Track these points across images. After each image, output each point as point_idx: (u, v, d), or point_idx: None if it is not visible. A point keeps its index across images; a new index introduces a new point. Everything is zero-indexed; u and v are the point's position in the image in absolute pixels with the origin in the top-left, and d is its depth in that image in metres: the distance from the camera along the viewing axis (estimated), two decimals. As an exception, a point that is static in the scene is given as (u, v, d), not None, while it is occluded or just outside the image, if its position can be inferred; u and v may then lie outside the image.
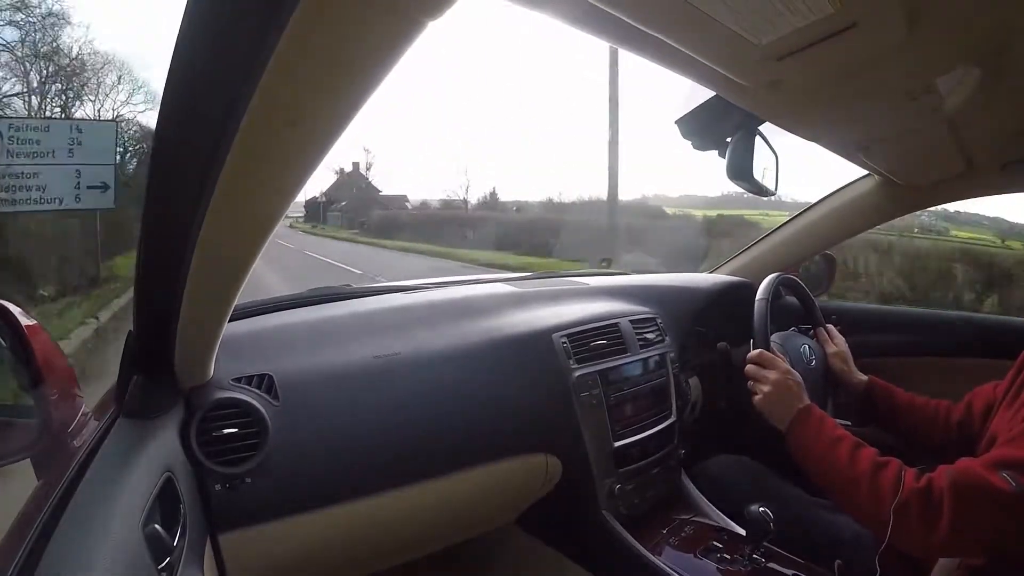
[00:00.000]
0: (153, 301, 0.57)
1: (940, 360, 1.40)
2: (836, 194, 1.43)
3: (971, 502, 0.68)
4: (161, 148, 0.41)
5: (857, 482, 0.77)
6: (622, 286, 1.35)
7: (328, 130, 0.39)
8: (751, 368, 0.96)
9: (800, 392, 0.90)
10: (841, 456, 0.80)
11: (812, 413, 0.87)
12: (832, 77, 0.62)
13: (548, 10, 0.48)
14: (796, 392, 0.90)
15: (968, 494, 0.69)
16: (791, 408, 0.88)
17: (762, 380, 0.93)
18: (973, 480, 0.69)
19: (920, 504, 0.71)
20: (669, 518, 1.11)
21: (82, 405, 0.71)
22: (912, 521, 0.71)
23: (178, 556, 0.54)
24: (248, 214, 0.47)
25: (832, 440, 0.82)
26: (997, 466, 0.68)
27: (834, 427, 0.85)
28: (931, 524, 0.70)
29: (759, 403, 0.93)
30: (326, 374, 0.84)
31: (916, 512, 0.71)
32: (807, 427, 0.86)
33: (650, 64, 0.57)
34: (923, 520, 0.70)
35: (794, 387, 0.91)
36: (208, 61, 0.34)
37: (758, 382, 0.94)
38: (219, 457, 0.71)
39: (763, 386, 0.92)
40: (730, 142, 0.87)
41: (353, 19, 0.31)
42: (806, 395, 0.90)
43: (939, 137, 0.92)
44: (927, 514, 0.70)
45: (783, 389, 0.91)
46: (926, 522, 0.70)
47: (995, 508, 0.67)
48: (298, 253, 12.53)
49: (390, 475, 0.85)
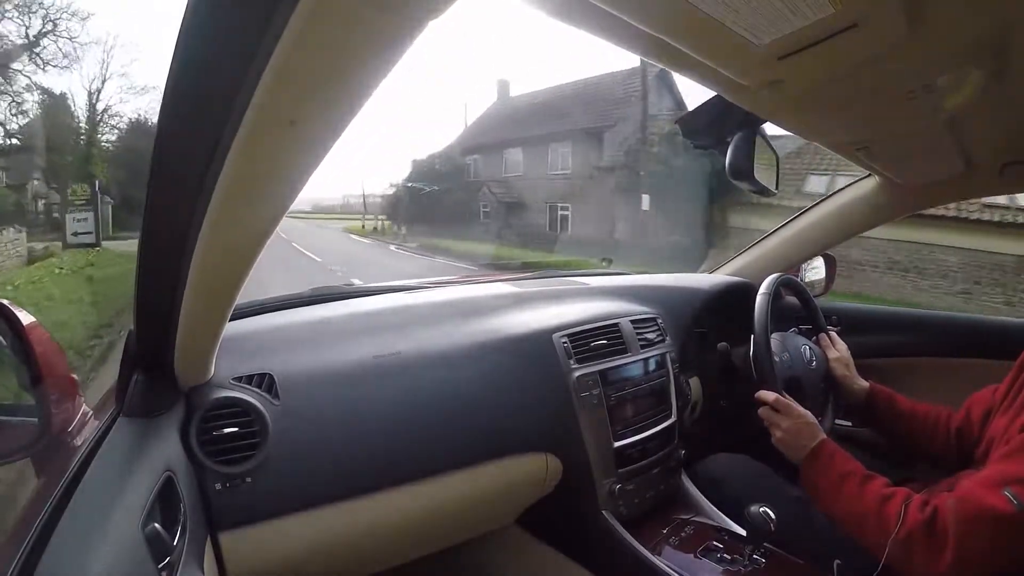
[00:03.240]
0: (153, 300, 0.57)
1: (940, 361, 1.40)
2: (836, 194, 1.43)
3: (975, 528, 0.69)
4: (161, 147, 0.41)
5: (865, 515, 0.80)
6: (622, 286, 1.35)
7: (328, 130, 0.39)
8: (765, 412, 1.00)
9: (812, 431, 0.94)
10: (850, 489, 0.83)
11: (824, 449, 0.90)
12: (832, 77, 0.62)
13: (548, 10, 0.48)
14: (808, 433, 0.94)
15: (972, 520, 0.70)
16: (805, 448, 0.92)
17: (776, 425, 0.97)
18: (976, 505, 0.70)
19: (924, 535, 0.72)
20: (669, 518, 1.11)
21: (82, 405, 0.71)
22: (917, 552, 0.73)
23: (178, 556, 0.54)
24: (249, 214, 0.47)
25: (842, 475, 0.85)
26: (998, 484, 0.69)
27: (844, 461, 0.88)
28: (936, 554, 0.71)
29: (775, 443, 0.97)
30: (326, 374, 0.84)
31: (920, 543, 0.72)
32: (818, 464, 0.90)
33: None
34: (928, 551, 0.72)
35: (805, 430, 0.94)
36: (208, 61, 0.34)
37: (773, 426, 0.98)
38: (219, 456, 0.71)
39: (777, 431, 0.97)
40: (731, 142, 0.87)
41: (353, 18, 0.31)
42: (820, 432, 0.94)
43: (939, 137, 0.92)
44: (931, 544, 0.72)
45: (796, 433, 0.94)
46: (931, 552, 0.71)
47: (999, 531, 0.68)
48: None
49: (390, 475, 0.85)
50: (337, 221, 20.52)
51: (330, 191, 23.55)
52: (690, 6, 0.45)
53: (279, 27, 0.30)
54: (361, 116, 0.38)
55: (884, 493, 0.79)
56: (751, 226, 7.71)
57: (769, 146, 0.93)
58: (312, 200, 22.49)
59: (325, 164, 0.42)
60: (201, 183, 0.41)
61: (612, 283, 1.38)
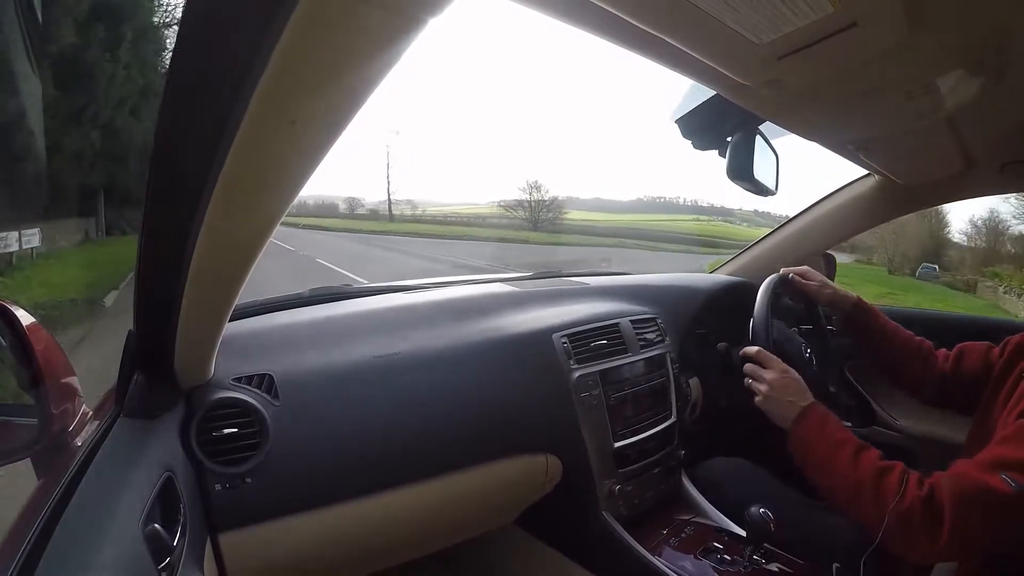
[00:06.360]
0: (154, 301, 0.57)
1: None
2: (836, 194, 1.43)
3: (972, 508, 0.69)
4: (162, 147, 0.41)
5: (860, 486, 0.76)
6: (622, 286, 1.35)
7: (328, 129, 0.39)
8: (749, 367, 0.94)
9: (801, 390, 0.88)
10: (844, 459, 0.79)
11: (815, 412, 0.85)
12: (832, 76, 0.62)
13: (548, 9, 0.48)
14: (796, 389, 0.88)
15: (968, 500, 0.69)
16: (793, 406, 0.86)
17: (760, 379, 0.91)
18: (973, 485, 0.69)
19: (922, 512, 0.71)
20: (669, 519, 1.11)
21: (82, 405, 0.71)
22: (915, 529, 0.71)
23: (178, 556, 0.54)
24: (249, 213, 0.47)
25: (835, 442, 0.81)
26: (995, 467, 0.69)
27: (838, 428, 0.83)
28: (934, 531, 0.70)
29: (760, 403, 0.91)
30: (326, 374, 0.83)
31: (919, 520, 0.71)
32: (809, 426, 0.84)
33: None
34: (925, 528, 0.70)
35: (793, 384, 0.88)
36: (208, 60, 0.34)
37: (756, 381, 0.92)
38: (219, 457, 0.71)
39: (761, 385, 0.91)
40: (730, 141, 0.87)
41: (353, 18, 0.31)
42: (809, 393, 0.88)
43: (939, 137, 0.92)
44: (929, 522, 0.70)
45: (782, 387, 0.89)
46: (928, 530, 0.70)
47: (996, 511, 0.67)
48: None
49: (390, 475, 0.84)
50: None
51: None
52: (690, 5, 0.45)
53: (280, 26, 0.30)
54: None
55: (881, 465, 0.77)
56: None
57: (769, 146, 0.93)
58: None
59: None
60: (202, 183, 0.40)
61: (612, 283, 1.38)
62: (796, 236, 1.50)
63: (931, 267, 16.39)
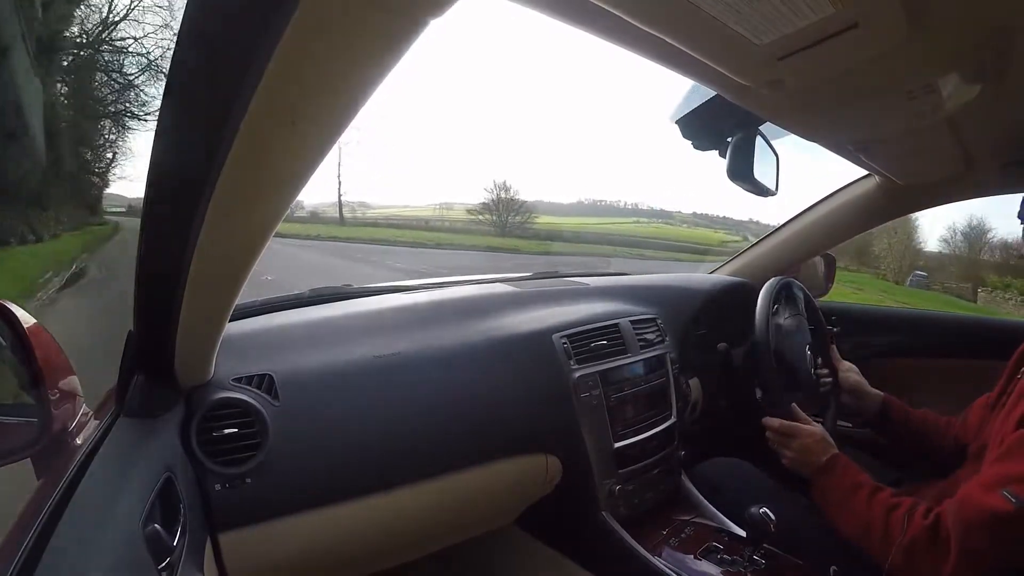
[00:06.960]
0: (154, 301, 0.57)
1: (940, 361, 1.40)
2: (836, 194, 1.43)
3: (976, 533, 0.70)
4: (162, 147, 0.41)
5: (871, 523, 0.81)
6: (622, 286, 1.35)
7: (329, 129, 0.39)
8: (772, 437, 1.00)
9: (823, 447, 0.95)
10: (859, 501, 0.85)
11: (837, 463, 0.92)
12: (832, 77, 0.62)
13: (548, 9, 0.48)
14: (819, 449, 0.95)
15: (972, 525, 0.71)
16: (816, 463, 0.93)
17: (785, 446, 0.98)
18: (975, 509, 0.71)
19: (928, 540, 0.74)
20: (669, 519, 1.11)
21: (82, 405, 0.71)
22: (921, 558, 0.74)
23: (178, 556, 0.54)
24: (249, 214, 0.47)
25: (852, 486, 0.87)
26: (996, 485, 0.69)
27: (855, 474, 0.89)
28: (940, 559, 0.72)
29: (787, 464, 0.98)
30: (326, 374, 0.83)
31: (924, 549, 0.74)
32: (830, 478, 0.91)
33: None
34: (931, 556, 0.73)
35: (815, 447, 0.95)
36: (208, 60, 0.34)
37: (782, 447, 0.99)
38: (219, 457, 0.71)
39: (787, 451, 0.98)
40: (730, 142, 0.87)
41: (354, 18, 0.31)
42: (831, 446, 0.95)
43: (939, 137, 0.92)
44: (935, 550, 0.73)
45: (805, 451, 0.96)
46: (934, 558, 0.73)
47: (999, 531, 0.69)
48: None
49: (390, 475, 0.84)
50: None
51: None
52: (691, 5, 0.45)
53: (280, 27, 0.30)
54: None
55: (890, 503, 0.81)
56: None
57: (769, 146, 0.93)
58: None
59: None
60: (202, 183, 0.40)
61: (612, 283, 1.38)
62: (796, 237, 1.50)
63: (922, 274, 16.42)
